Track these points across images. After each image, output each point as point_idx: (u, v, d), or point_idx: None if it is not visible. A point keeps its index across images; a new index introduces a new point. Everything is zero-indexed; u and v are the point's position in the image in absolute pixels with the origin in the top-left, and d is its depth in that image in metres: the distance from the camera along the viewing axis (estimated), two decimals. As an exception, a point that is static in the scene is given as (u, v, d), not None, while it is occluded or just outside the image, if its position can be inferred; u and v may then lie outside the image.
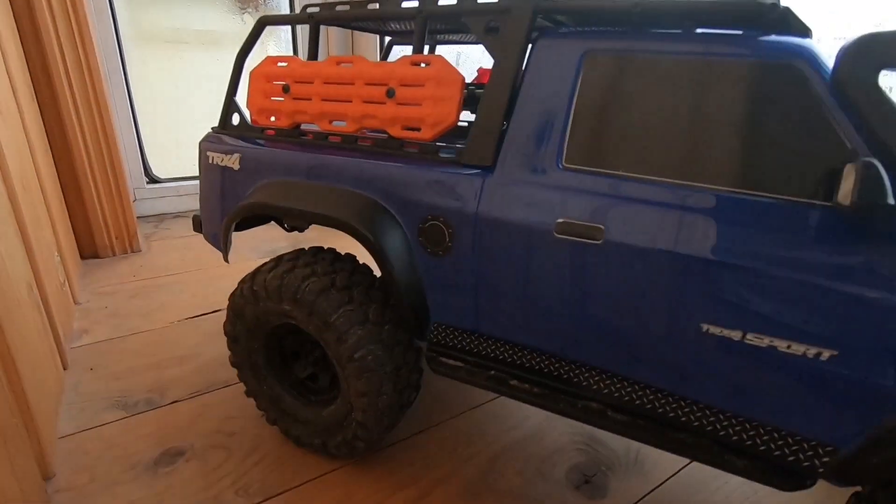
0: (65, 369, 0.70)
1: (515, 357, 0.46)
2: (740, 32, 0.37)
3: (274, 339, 0.56)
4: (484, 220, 0.43)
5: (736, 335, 0.35)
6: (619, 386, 0.41)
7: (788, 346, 0.34)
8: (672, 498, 0.55)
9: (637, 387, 0.40)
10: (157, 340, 0.80)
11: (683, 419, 0.39)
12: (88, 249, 1.06)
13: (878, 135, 0.31)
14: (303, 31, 1.48)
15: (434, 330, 0.49)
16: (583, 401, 0.43)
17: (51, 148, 0.95)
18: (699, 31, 0.39)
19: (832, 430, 0.34)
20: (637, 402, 0.40)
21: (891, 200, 0.29)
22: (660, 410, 0.39)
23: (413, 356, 0.52)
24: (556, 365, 0.44)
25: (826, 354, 0.33)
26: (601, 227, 0.39)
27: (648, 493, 0.55)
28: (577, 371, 0.43)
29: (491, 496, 0.54)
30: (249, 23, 1.63)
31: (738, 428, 0.37)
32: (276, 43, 1.65)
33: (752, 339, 0.35)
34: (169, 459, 0.57)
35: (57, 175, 0.97)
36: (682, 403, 0.39)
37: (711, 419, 0.38)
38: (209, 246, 0.90)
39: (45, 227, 0.76)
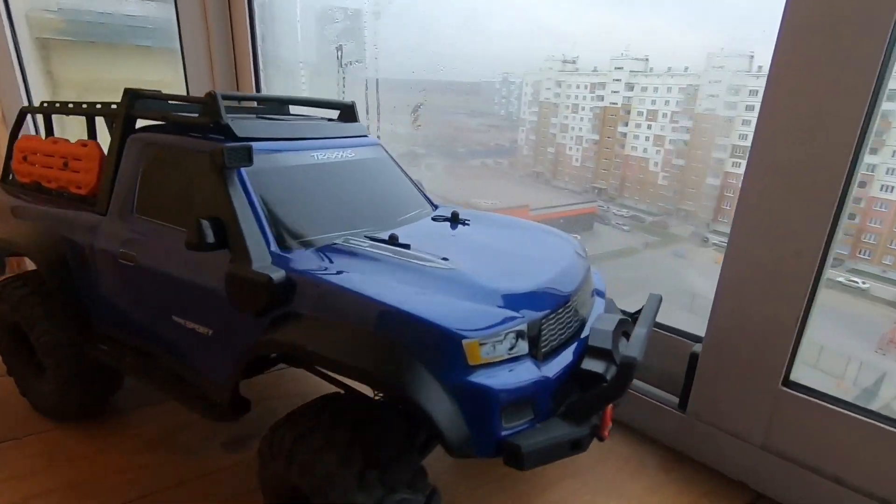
0: None
1: (131, 341, 0.67)
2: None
3: (16, 335, 0.78)
4: (98, 248, 0.65)
5: (182, 322, 0.56)
6: (168, 359, 0.62)
7: (197, 327, 0.55)
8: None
9: (173, 358, 0.62)
10: None
11: (184, 374, 0.60)
12: None
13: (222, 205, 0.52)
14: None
15: (96, 325, 0.71)
16: (157, 373, 0.64)
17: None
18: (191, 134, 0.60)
19: (220, 373, 0.55)
20: (176, 369, 0.62)
21: (210, 241, 0.50)
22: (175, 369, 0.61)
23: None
24: (141, 342, 0.65)
25: (209, 331, 0.54)
26: (134, 254, 0.61)
27: (272, 449, 0.75)
28: (147, 345, 0.64)
29: (162, 449, 0.75)
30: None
31: (195, 374, 0.58)
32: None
33: (188, 324, 0.56)
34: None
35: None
36: (178, 364, 0.60)
37: (190, 373, 0.59)
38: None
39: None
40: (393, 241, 0.56)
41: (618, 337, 0.52)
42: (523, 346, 0.45)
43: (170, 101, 0.65)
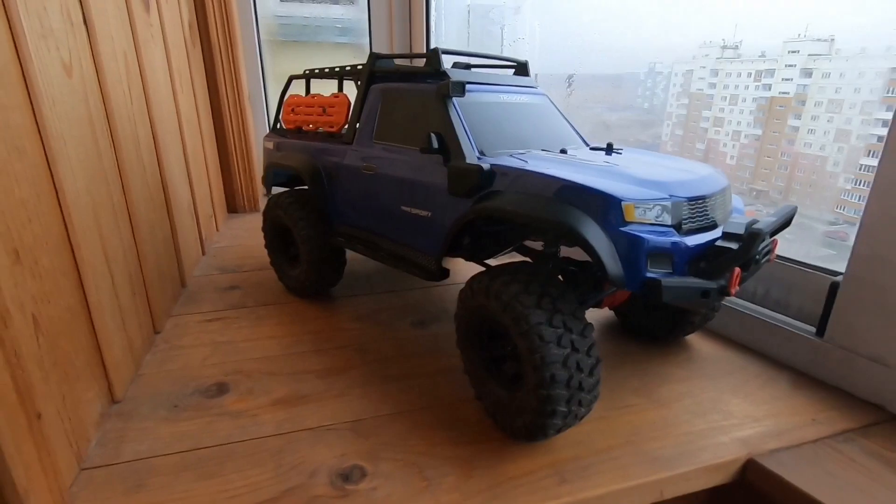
0: (203, 254, 1.38)
1: (358, 234, 0.95)
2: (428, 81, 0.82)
3: (280, 235, 1.12)
4: (345, 166, 0.94)
5: (409, 209, 0.80)
6: (389, 243, 0.88)
7: (420, 212, 0.78)
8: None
9: (393, 242, 0.87)
10: (248, 247, 1.45)
11: (402, 253, 0.84)
12: (232, 207, 1.79)
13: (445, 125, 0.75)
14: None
15: (334, 224, 1.01)
16: (381, 252, 0.90)
17: (217, 147, 1.69)
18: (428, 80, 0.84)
19: (434, 248, 0.77)
20: (395, 249, 0.87)
21: (435, 146, 0.72)
22: (400, 253, 0.86)
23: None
24: (371, 235, 0.92)
25: (428, 214, 0.77)
26: (375, 166, 0.86)
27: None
28: (377, 237, 0.90)
29: (368, 321, 1.03)
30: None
31: (413, 252, 0.82)
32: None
33: (413, 210, 0.80)
34: (230, 287, 1.17)
35: (219, 161, 1.71)
36: (401, 244, 0.85)
37: (408, 251, 0.83)
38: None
39: (205, 186, 1.46)
40: (562, 152, 0.73)
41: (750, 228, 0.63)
42: (667, 218, 0.59)
43: (395, 60, 0.91)
